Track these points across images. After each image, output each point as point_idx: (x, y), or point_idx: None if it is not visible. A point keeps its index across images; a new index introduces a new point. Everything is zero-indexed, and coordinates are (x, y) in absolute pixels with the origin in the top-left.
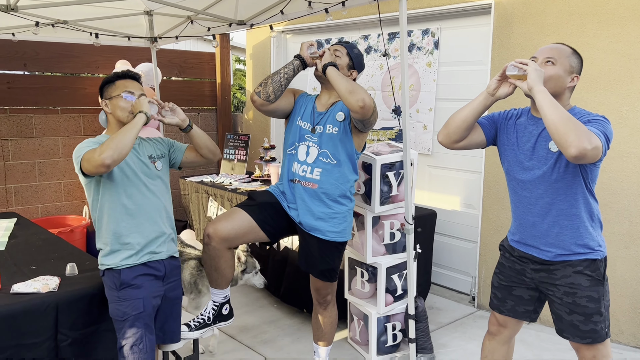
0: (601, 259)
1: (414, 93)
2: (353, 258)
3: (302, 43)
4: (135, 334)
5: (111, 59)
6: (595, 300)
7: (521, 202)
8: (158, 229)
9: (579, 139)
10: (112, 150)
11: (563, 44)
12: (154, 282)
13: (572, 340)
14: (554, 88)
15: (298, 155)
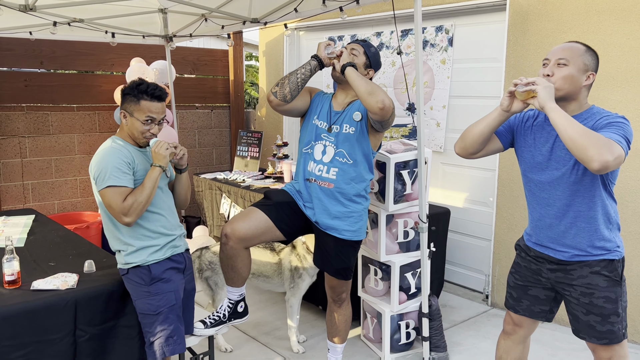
0: (619, 259)
1: (428, 90)
2: (367, 256)
3: (319, 43)
4: (170, 327)
5: (126, 57)
6: (612, 301)
7: (538, 203)
8: (175, 225)
9: (600, 152)
10: (135, 215)
11: (576, 42)
12: (179, 274)
13: (589, 341)
14: (569, 89)
15: (314, 154)
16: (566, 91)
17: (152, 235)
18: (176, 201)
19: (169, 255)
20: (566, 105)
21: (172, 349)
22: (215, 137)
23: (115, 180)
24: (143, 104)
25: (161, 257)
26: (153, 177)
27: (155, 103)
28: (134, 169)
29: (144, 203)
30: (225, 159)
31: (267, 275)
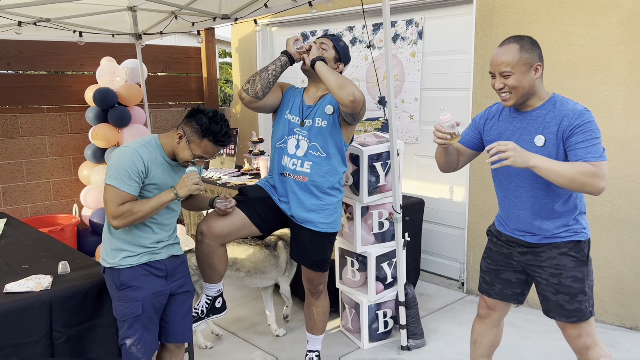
0: (585, 240)
1: (399, 83)
2: (343, 248)
3: (287, 39)
4: (133, 335)
5: (96, 56)
6: (579, 280)
7: (507, 195)
8: (163, 233)
9: (595, 186)
10: (124, 223)
11: (511, 39)
12: (155, 281)
13: (558, 320)
14: (525, 90)
15: (288, 148)
16: (522, 95)
17: (131, 241)
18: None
19: (144, 261)
20: (528, 102)
21: (135, 357)
22: None
23: (119, 183)
24: (205, 143)
25: (135, 263)
26: (163, 200)
27: (215, 147)
28: (146, 176)
29: (138, 218)
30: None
31: (264, 271)
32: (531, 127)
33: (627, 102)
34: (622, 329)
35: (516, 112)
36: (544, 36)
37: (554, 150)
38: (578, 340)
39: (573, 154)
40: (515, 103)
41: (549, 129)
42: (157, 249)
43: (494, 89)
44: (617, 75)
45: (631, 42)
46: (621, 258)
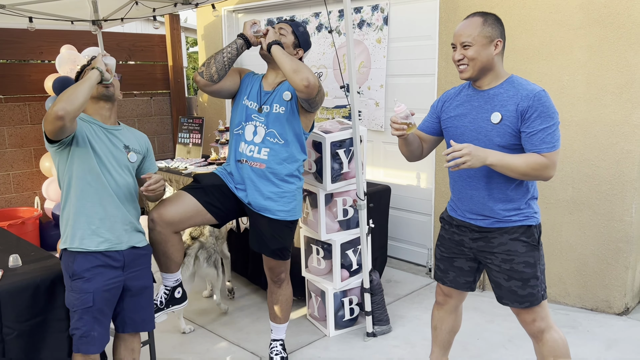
0: (536, 225)
1: (365, 70)
2: (308, 236)
3: (245, 22)
4: (83, 327)
5: (56, 44)
6: (531, 265)
7: (461, 175)
8: (121, 216)
9: (549, 173)
10: (63, 102)
11: (475, 13)
12: (109, 272)
13: (512, 306)
14: (482, 64)
15: (245, 135)
16: (479, 68)
17: (88, 217)
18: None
19: (102, 249)
20: (485, 78)
21: (85, 349)
22: (157, 125)
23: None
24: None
25: (90, 248)
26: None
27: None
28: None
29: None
30: (168, 147)
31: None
32: (488, 105)
33: (587, 86)
34: (583, 311)
35: (474, 91)
36: (507, 20)
37: (509, 129)
38: (533, 324)
39: (529, 142)
40: (471, 76)
41: (507, 108)
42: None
43: (453, 61)
44: (578, 60)
45: (590, 26)
46: (582, 241)
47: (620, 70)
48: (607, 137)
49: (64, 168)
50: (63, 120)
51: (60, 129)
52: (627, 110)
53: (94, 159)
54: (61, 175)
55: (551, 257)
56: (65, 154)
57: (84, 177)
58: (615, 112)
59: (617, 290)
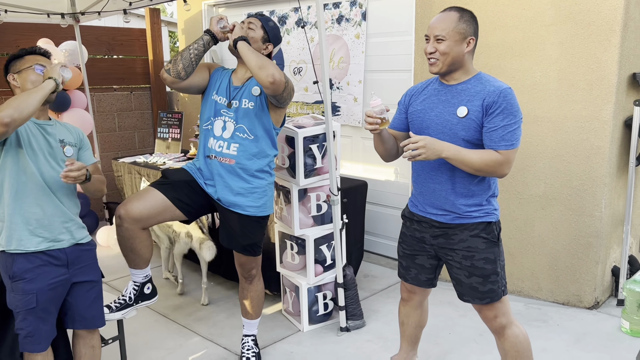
0: (495, 222)
1: (344, 65)
2: (282, 231)
3: (211, 18)
4: (27, 327)
5: (32, 38)
6: (491, 261)
7: (424, 168)
8: (60, 214)
9: (502, 171)
10: (12, 109)
11: (452, 8)
12: (52, 270)
13: (473, 302)
14: (453, 59)
15: (214, 130)
16: (449, 64)
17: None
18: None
19: (43, 249)
20: (454, 74)
21: (30, 348)
22: (137, 120)
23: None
24: (28, 57)
25: (30, 249)
26: (43, 85)
27: (40, 57)
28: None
29: (24, 101)
30: (148, 142)
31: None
32: (455, 99)
33: (559, 82)
34: (555, 305)
35: (441, 85)
36: (481, 17)
37: (474, 124)
38: (495, 320)
39: (488, 138)
40: (440, 70)
41: (473, 103)
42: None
43: (425, 53)
44: (549, 56)
45: (561, 22)
46: (554, 236)
47: (590, 66)
48: (577, 133)
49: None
50: (7, 128)
51: (2, 135)
52: (597, 106)
53: (27, 158)
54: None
55: (524, 252)
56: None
57: (18, 177)
58: (586, 108)
59: (588, 285)
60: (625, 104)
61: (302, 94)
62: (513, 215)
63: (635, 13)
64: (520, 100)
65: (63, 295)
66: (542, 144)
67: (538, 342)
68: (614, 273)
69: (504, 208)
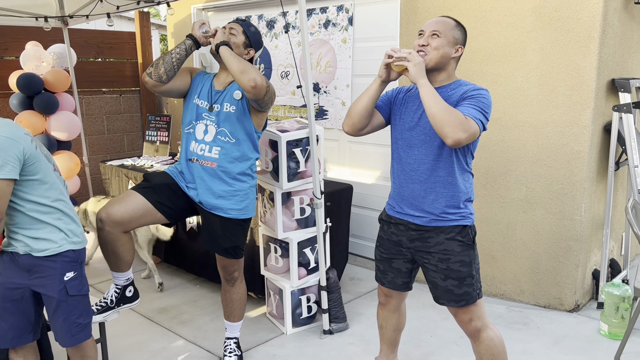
0: (471, 225)
1: (331, 70)
2: (267, 234)
3: (193, 22)
4: None
5: (21, 40)
6: (467, 264)
7: (403, 169)
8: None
9: (454, 131)
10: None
11: (448, 17)
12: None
13: (448, 305)
14: (439, 59)
15: (196, 134)
16: (437, 61)
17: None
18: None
19: (4, 246)
20: (436, 75)
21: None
22: (126, 123)
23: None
24: None
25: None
26: None
27: None
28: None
29: None
30: (138, 145)
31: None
32: None
33: (540, 87)
34: (536, 308)
35: None
36: (464, 23)
37: None
38: (470, 324)
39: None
40: (428, 63)
41: (452, 100)
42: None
43: (415, 47)
44: (530, 62)
45: (542, 29)
46: (536, 239)
47: (570, 72)
48: (558, 137)
49: None
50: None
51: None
52: (576, 111)
53: None
54: None
55: (506, 255)
56: None
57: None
58: (566, 113)
59: (568, 288)
60: (604, 109)
61: (290, 98)
62: (495, 218)
63: (614, 20)
64: (502, 105)
65: (25, 301)
66: (523, 148)
67: (518, 344)
68: (594, 276)
69: (486, 211)
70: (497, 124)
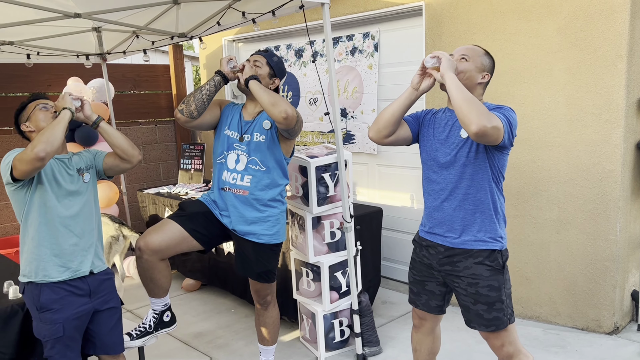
0: (500, 250)
1: (358, 95)
2: (298, 259)
3: (221, 59)
4: (56, 355)
5: (63, 77)
6: (496, 288)
7: (433, 188)
8: (81, 244)
9: (479, 118)
10: (43, 143)
11: (478, 46)
12: (77, 300)
13: (479, 329)
14: (465, 82)
15: (228, 163)
16: (463, 84)
17: (49, 250)
18: (119, 155)
19: (66, 278)
20: None
21: None
22: (162, 152)
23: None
24: (29, 105)
25: (55, 279)
26: (60, 117)
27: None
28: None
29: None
30: (173, 173)
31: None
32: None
33: (568, 107)
34: (573, 330)
35: (450, 111)
36: (489, 45)
37: (475, 143)
38: (502, 349)
39: None
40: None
41: None
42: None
43: None
44: (558, 82)
45: (568, 49)
46: (571, 260)
47: (598, 91)
48: (589, 157)
49: (23, 205)
50: (43, 162)
51: (37, 169)
52: (607, 130)
53: (50, 192)
54: (19, 212)
55: (541, 276)
56: (24, 192)
57: (42, 213)
58: (596, 132)
59: (606, 310)
60: (635, 127)
61: (318, 124)
62: (528, 239)
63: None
64: (531, 126)
65: (86, 324)
66: (554, 168)
67: None
68: (633, 297)
69: (518, 232)
70: (526, 145)
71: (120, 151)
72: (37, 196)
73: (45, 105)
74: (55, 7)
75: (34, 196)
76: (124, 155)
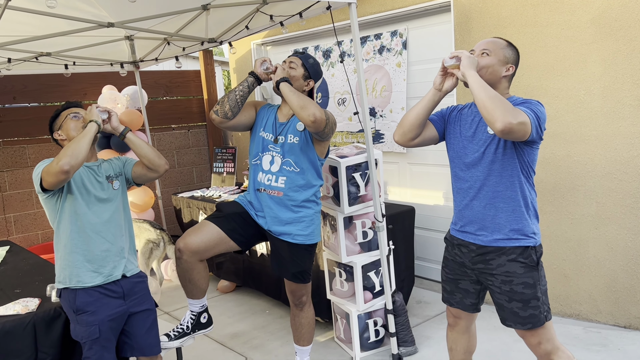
0: (534, 246)
1: (387, 94)
2: (331, 259)
3: (255, 60)
4: (93, 356)
5: (98, 85)
6: (530, 286)
7: (462, 186)
8: (113, 249)
9: (504, 115)
10: (68, 157)
11: (500, 37)
12: (111, 302)
13: (515, 328)
14: (489, 76)
15: (262, 165)
16: (486, 79)
17: (82, 257)
18: (146, 164)
19: (99, 283)
20: None
21: None
22: (194, 156)
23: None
24: (62, 113)
25: (89, 284)
26: (87, 130)
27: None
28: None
29: (76, 148)
30: (206, 177)
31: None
32: None
33: (604, 99)
34: (615, 328)
35: (475, 107)
36: (520, 39)
37: (503, 140)
38: (539, 347)
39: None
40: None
41: None
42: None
43: None
44: (592, 74)
45: (602, 40)
46: (611, 256)
47: (635, 82)
48: (627, 149)
49: (55, 214)
50: (68, 175)
51: (63, 182)
52: None
53: (81, 200)
54: (52, 220)
55: (579, 273)
56: (55, 200)
57: (73, 221)
58: (634, 125)
59: None
60: None
61: (347, 124)
62: (565, 236)
63: None
64: (565, 120)
65: (121, 325)
66: (590, 162)
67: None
68: None
69: (555, 229)
70: (561, 139)
71: (147, 161)
72: (67, 204)
73: (76, 114)
74: (89, 18)
75: (65, 204)
76: (150, 165)
